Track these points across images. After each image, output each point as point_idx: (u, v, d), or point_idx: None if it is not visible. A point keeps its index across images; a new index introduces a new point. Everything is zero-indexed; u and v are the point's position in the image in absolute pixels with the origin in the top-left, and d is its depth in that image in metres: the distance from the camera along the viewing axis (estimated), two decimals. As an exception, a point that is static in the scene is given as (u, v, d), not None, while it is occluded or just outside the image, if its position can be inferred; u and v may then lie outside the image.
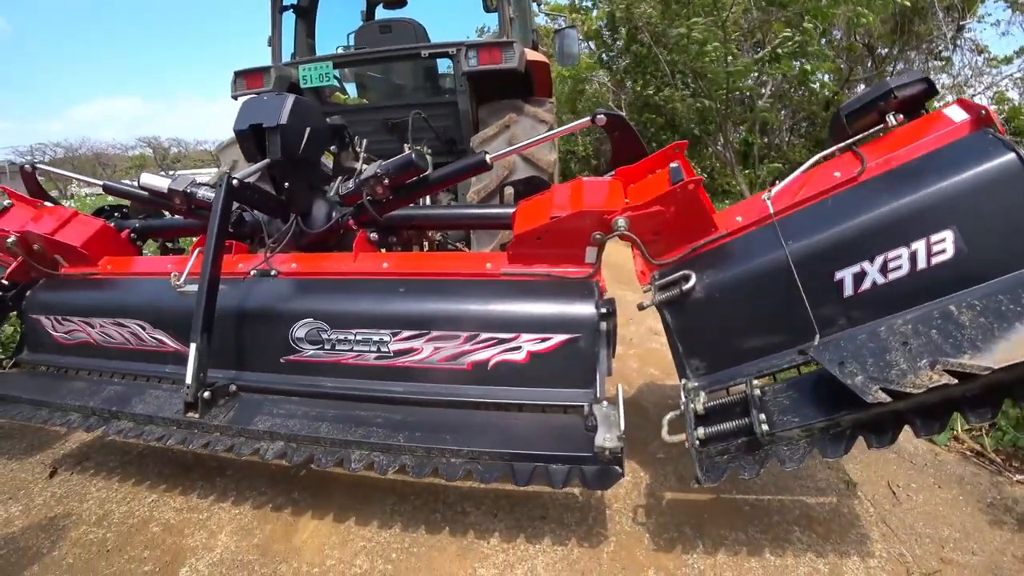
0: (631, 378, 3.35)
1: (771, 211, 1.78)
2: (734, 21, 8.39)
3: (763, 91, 9.72)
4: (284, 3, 3.99)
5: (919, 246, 1.56)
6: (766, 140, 11.15)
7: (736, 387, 1.77)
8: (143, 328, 2.16)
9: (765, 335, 1.75)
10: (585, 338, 1.77)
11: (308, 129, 2.12)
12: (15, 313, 2.55)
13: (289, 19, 4.14)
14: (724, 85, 8.48)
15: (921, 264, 1.56)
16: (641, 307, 1.92)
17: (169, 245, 3.00)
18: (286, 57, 4.05)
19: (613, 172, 1.96)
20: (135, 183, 2.40)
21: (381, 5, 5.19)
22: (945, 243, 1.53)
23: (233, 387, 1.99)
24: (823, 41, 9.24)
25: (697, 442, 1.68)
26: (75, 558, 1.94)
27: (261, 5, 4.17)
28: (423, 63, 3.67)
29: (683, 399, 1.80)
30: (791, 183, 1.87)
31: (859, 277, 1.63)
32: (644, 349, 3.81)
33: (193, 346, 1.82)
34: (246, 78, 3.79)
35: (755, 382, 1.70)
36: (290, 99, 2.08)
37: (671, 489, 2.28)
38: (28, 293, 2.43)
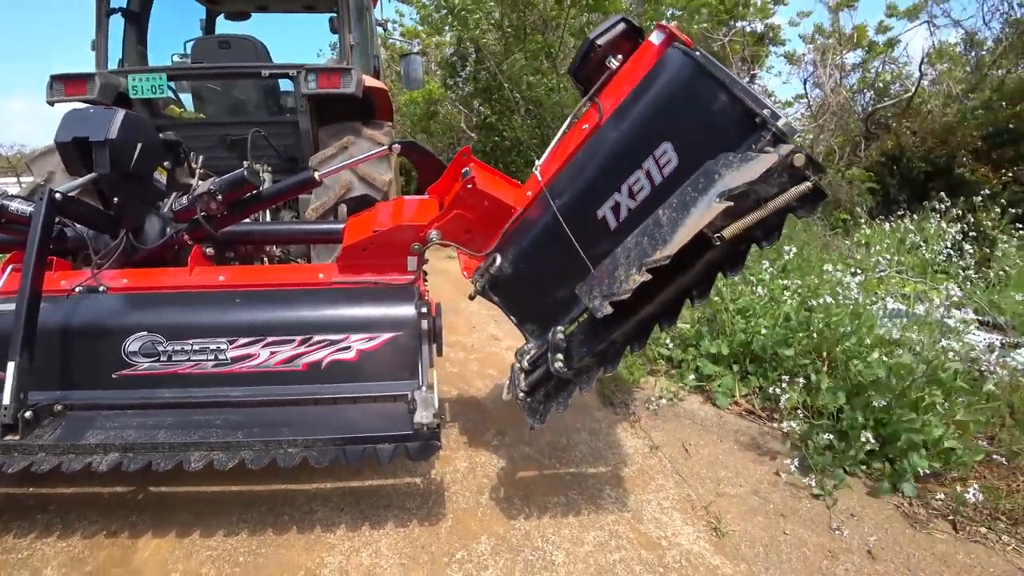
0: (471, 379, 3.68)
1: (539, 178, 2.04)
2: (565, 56, 9.34)
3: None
4: (112, 6, 3.77)
5: (649, 164, 1.69)
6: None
7: None
8: (-48, 353, 2.01)
9: (565, 287, 1.89)
10: (407, 335, 2.02)
11: (140, 145, 2.15)
12: None
13: (117, 23, 3.89)
14: (558, 113, 9.42)
15: (657, 179, 1.68)
16: (471, 297, 2.20)
17: None
18: (112, 63, 3.81)
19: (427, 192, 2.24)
20: None
21: (223, 16, 5.10)
22: (668, 154, 1.65)
23: (59, 407, 1.94)
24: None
25: (521, 393, 1.93)
26: None
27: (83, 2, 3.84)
28: (264, 82, 3.70)
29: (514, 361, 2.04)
30: (554, 148, 2.10)
31: (616, 209, 1.78)
32: (485, 353, 4.17)
33: (11, 364, 1.78)
34: (65, 84, 3.51)
35: (559, 328, 1.90)
36: (120, 113, 2.10)
37: (503, 469, 2.58)
38: None
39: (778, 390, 2.96)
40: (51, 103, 3.49)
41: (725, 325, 3.71)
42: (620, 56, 1.91)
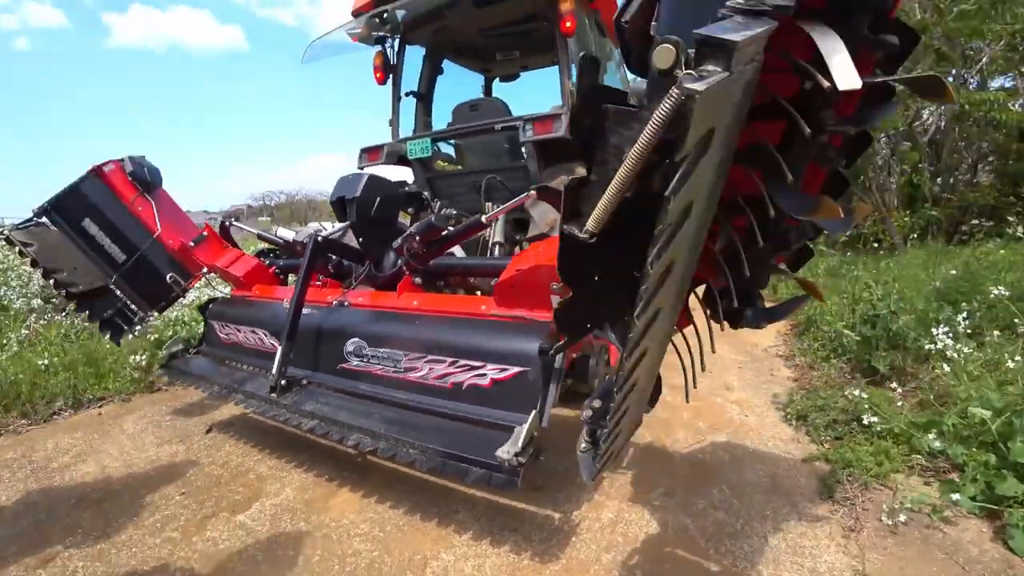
0: (674, 429, 3.40)
1: None
2: None
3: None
4: (402, 93, 4.94)
5: None
6: (939, 181, 9.76)
7: None
8: (265, 335, 3.10)
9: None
10: (533, 371, 2.13)
11: (378, 199, 2.87)
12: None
13: (410, 102, 5.04)
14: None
15: None
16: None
17: None
18: (406, 132, 4.94)
19: None
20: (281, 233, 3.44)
21: (497, 80, 6.07)
22: None
23: (305, 381, 2.76)
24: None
25: (583, 443, 1.76)
26: (201, 481, 2.85)
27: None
28: (504, 134, 4.28)
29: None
30: None
31: None
32: (706, 403, 3.79)
33: (280, 348, 2.64)
34: (368, 154, 4.72)
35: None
36: (365, 177, 2.86)
37: (648, 536, 2.37)
38: (210, 306, 3.58)
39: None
40: (360, 168, 4.76)
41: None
42: None
